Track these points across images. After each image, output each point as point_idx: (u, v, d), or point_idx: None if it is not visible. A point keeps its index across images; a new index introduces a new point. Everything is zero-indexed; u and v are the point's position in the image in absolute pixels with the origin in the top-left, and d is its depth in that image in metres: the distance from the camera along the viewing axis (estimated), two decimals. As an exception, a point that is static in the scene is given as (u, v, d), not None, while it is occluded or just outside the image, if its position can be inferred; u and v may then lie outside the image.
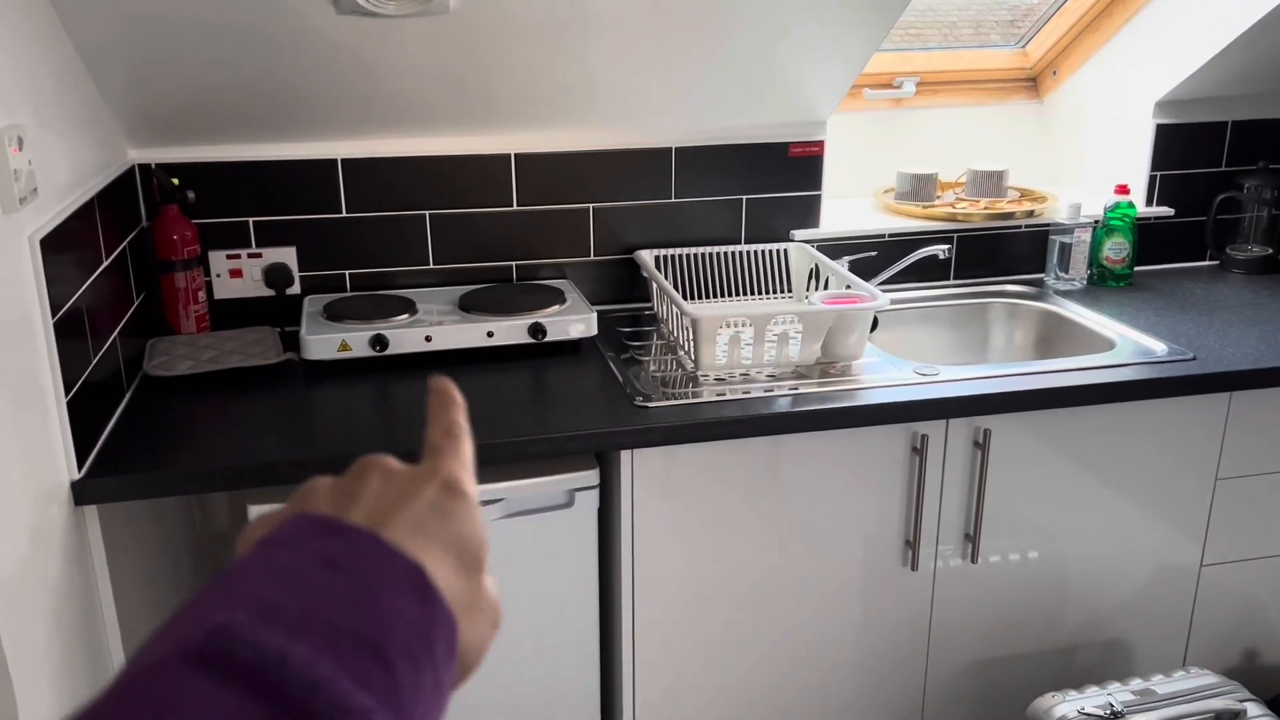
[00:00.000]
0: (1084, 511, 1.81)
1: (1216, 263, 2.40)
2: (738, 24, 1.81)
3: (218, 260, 1.93)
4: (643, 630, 1.69)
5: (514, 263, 2.06)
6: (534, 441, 1.53)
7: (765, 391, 1.67)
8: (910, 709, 1.84)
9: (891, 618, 1.78)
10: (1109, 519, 1.82)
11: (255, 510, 1.50)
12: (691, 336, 1.74)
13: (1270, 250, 2.33)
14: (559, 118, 1.97)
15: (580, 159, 2.03)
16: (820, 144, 2.13)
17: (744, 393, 1.66)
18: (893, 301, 2.09)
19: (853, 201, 2.37)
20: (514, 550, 1.60)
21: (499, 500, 1.56)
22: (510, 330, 1.79)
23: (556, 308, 1.85)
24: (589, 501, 1.63)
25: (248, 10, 1.60)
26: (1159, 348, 1.85)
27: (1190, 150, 2.32)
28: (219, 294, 1.94)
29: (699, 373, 1.74)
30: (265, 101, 1.80)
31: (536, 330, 1.79)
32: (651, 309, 2.08)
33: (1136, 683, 1.65)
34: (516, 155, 2.00)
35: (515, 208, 2.02)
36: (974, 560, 1.77)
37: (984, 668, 1.85)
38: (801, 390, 1.68)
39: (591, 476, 1.62)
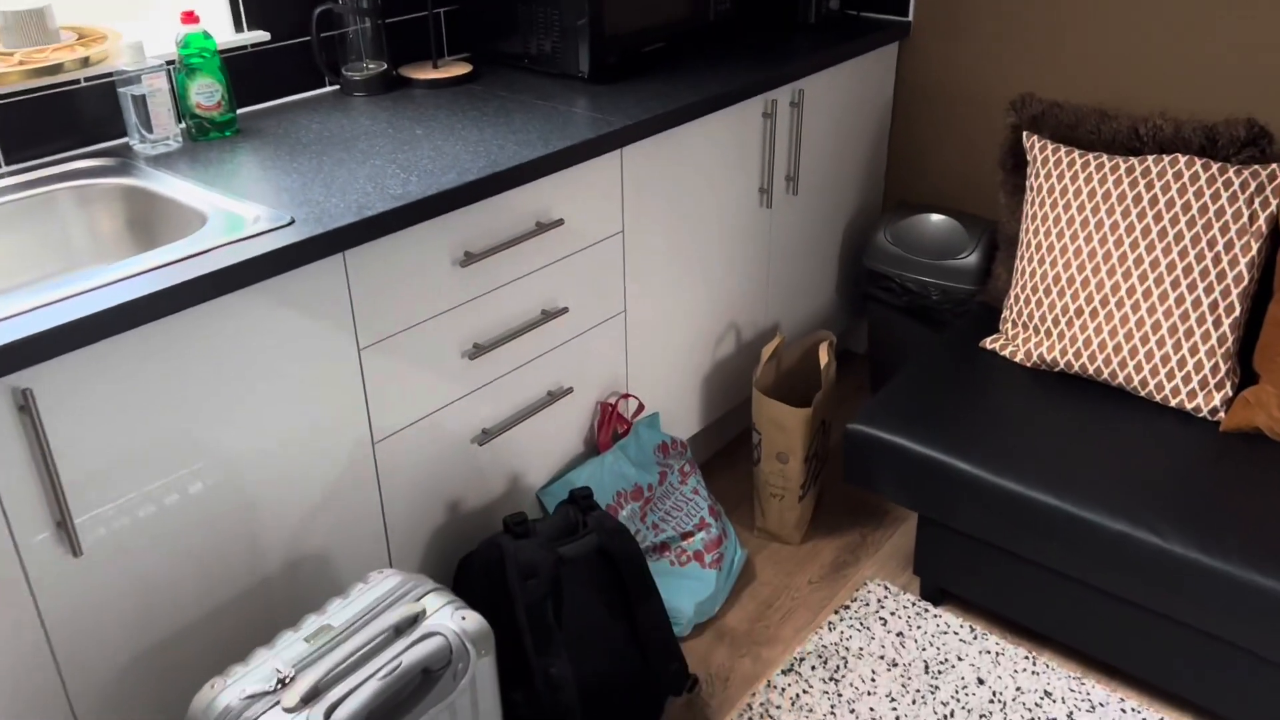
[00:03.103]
0: (230, 429, 1.47)
1: (338, 87, 2.14)
2: None
3: None
4: None
5: None
6: None
7: None
8: (71, 746, 1.42)
9: (-6, 659, 1.31)
10: (264, 427, 1.51)
11: None
12: None
13: (385, 65, 2.12)
14: None
15: None
16: None
17: None
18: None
19: None
20: None
21: None
22: None
23: None
24: None
25: None
26: (252, 214, 1.52)
27: (271, -41, 1.97)
28: None
29: None
30: None
31: None
32: None
33: (311, 622, 1.40)
34: None
35: None
36: (77, 551, 1.34)
37: (146, 662, 1.48)
38: None
39: None
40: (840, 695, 1.95)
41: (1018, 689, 1.95)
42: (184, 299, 1.34)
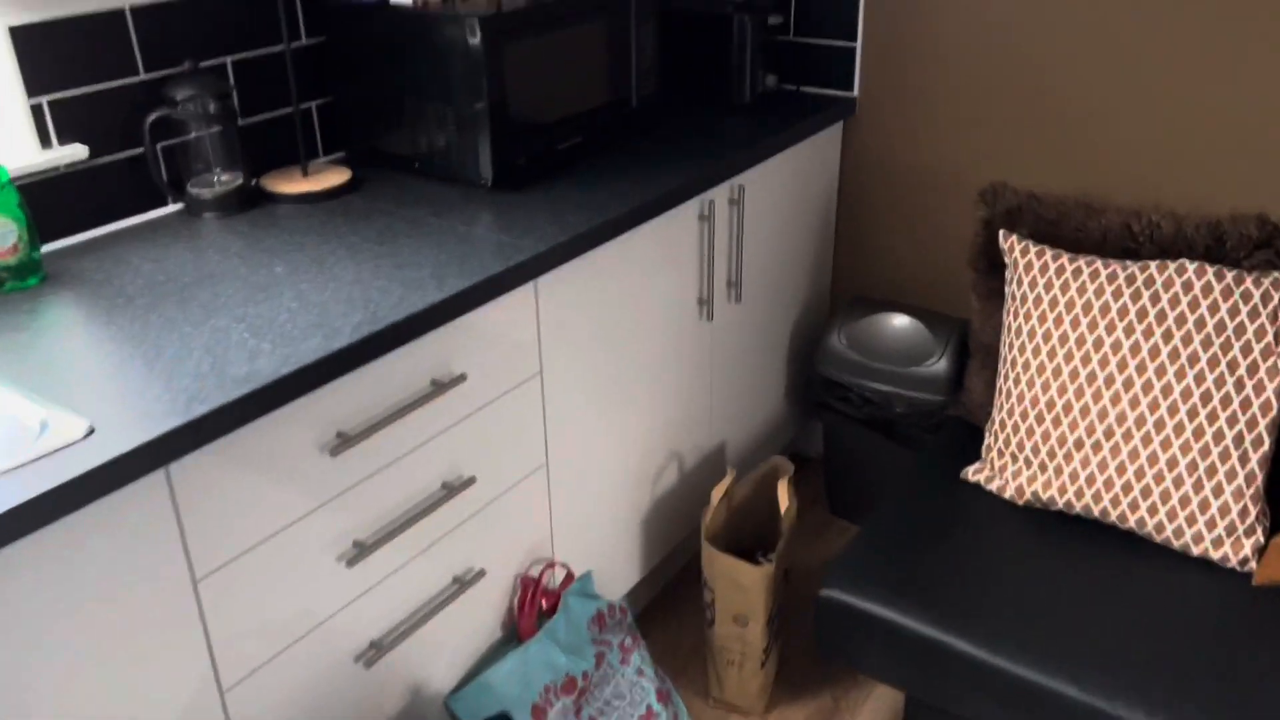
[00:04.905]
0: (19, 709, 1.07)
1: (183, 206, 1.75)
2: None
3: None
4: None
5: None
6: None
7: None
8: None
9: None
10: (67, 702, 1.11)
11: None
12: None
13: (241, 177, 1.73)
14: None
15: None
16: None
17: None
18: None
19: None
20: None
21: None
22: None
23: None
24: None
25: None
26: (37, 419, 1.13)
27: (83, 58, 1.57)
28: None
29: None
30: None
31: None
32: None
33: None
34: None
35: None
36: None
37: None
38: None
39: None
40: None
41: None
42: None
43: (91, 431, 1.11)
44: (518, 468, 1.67)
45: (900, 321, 2.25)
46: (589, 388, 1.78)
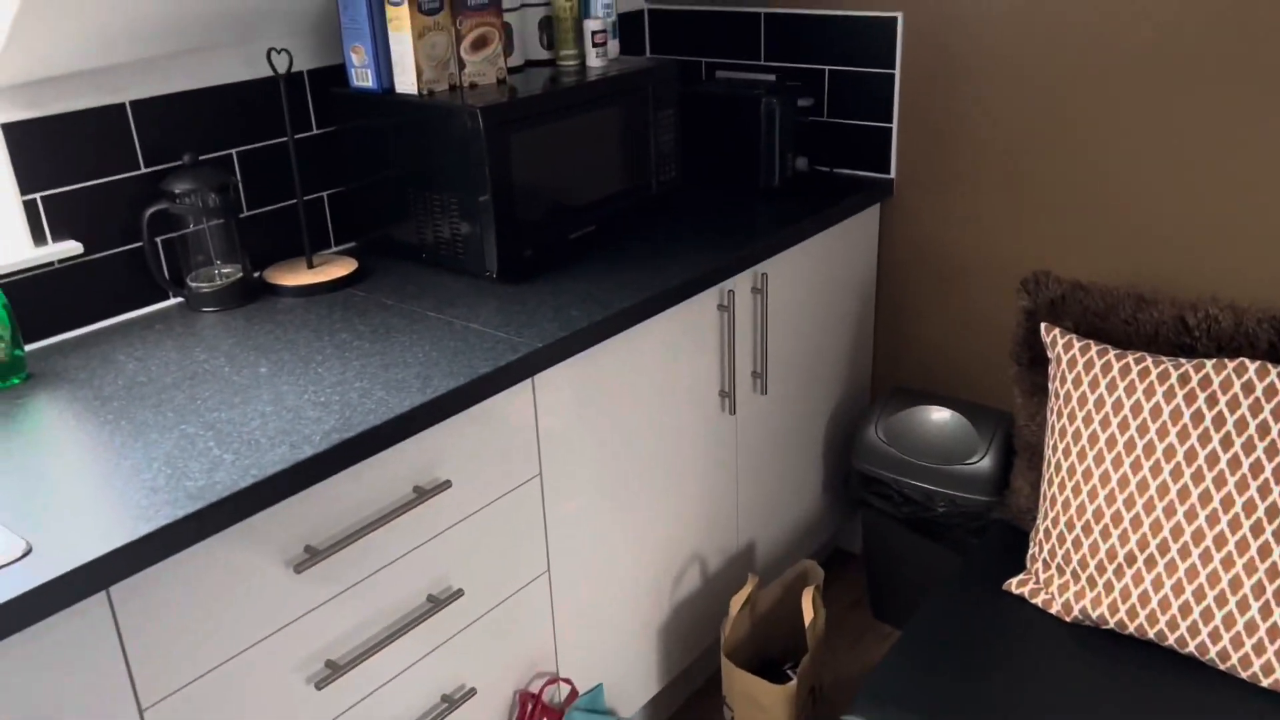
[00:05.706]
0: None
1: (183, 300, 1.71)
2: None
3: None
4: None
5: None
6: None
7: None
8: None
9: None
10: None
11: None
12: None
13: (242, 271, 1.70)
14: None
15: None
16: None
17: None
18: None
19: None
20: None
21: None
22: None
23: None
24: None
25: None
26: (-27, 544, 1.07)
27: (82, 153, 1.55)
28: None
29: None
30: None
31: None
32: None
33: None
34: None
35: None
36: None
37: None
38: None
39: None
40: None
41: None
42: None
43: (29, 551, 1.05)
44: (516, 576, 1.57)
45: (941, 416, 2.11)
46: (597, 488, 1.68)
